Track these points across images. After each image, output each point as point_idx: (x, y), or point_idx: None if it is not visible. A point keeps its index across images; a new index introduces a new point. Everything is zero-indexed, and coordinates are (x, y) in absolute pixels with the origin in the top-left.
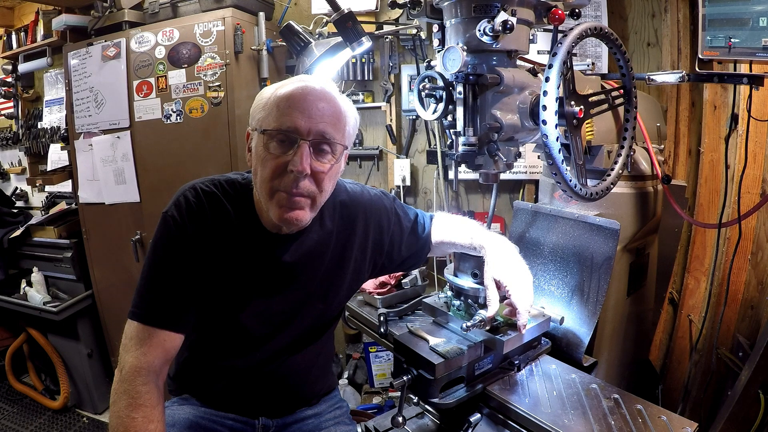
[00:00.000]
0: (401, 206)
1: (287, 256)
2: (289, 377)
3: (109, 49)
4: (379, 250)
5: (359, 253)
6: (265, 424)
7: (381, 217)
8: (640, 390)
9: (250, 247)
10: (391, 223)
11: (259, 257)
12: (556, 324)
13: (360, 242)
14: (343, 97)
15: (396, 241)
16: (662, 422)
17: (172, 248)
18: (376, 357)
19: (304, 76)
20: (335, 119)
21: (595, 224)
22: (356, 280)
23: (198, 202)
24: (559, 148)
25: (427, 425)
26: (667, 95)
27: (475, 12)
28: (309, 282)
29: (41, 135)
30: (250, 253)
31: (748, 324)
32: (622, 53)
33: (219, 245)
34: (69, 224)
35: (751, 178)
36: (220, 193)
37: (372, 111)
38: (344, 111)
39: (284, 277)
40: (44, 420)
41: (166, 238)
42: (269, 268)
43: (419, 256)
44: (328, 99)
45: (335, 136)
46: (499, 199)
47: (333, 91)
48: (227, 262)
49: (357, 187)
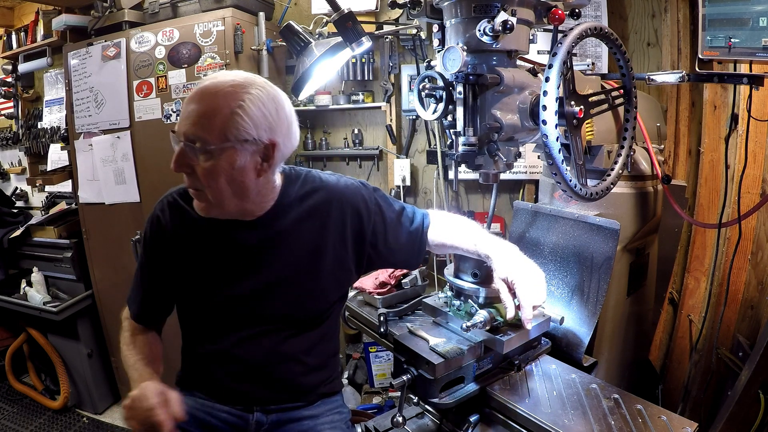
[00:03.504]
0: (384, 197)
1: (247, 240)
2: (278, 366)
3: (109, 49)
4: (360, 239)
5: (338, 240)
6: (259, 420)
7: (359, 205)
8: (640, 390)
9: (211, 236)
10: (371, 211)
11: (220, 243)
12: (556, 324)
13: (337, 229)
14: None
15: (379, 231)
16: (662, 422)
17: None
18: (376, 357)
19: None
20: (205, 119)
21: (595, 224)
22: (341, 269)
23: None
24: (559, 148)
25: (427, 425)
26: (667, 95)
27: (475, 12)
28: (277, 266)
29: (41, 135)
30: (212, 241)
31: (748, 324)
32: (622, 53)
33: (183, 243)
34: (69, 224)
35: (751, 178)
36: (182, 199)
37: (372, 111)
38: (222, 108)
39: (247, 261)
40: (44, 420)
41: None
42: (231, 252)
43: (412, 251)
44: (204, 99)
45: (202, 136)
46: (499, 199)
47: (220, 87)
48: (193, 254)
49: (333, 176)
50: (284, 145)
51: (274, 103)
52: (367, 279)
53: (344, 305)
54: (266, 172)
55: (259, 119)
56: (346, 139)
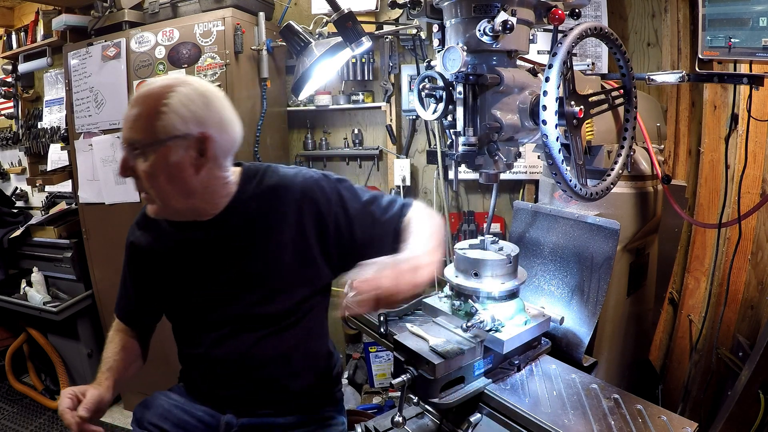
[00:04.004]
0: (349, 188)
1: (204, 239)
2: (259, 367)
3: (109, 49)
4: (323, 232)
5: (297, 234)
6: (228, 421)
7: (317, 198)
8: (640, 390)
9: (174, 240)
10: (331, 203)
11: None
12: (556, 324)
13: (296, 224)
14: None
15: (342, 223)
16: (662, 422)
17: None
18: (376, 357)
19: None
20: (137, 121)
21: (595, 224)
22: (306, 264)
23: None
24: (559, 148)
25: (427, 425)
26: (667, 95)
27: (475, 12)
28: (238, 264)
29: (41, 135)
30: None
31: (748, 324)
32: (622, 53)
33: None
34: (69, 224)
35: (751, 178)
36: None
37: (372, 111)
38: (150, 108)
39: (207, 262)
40: (44, 420)
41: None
42: (191, 254)
43: (383, 242)
44: (136, 103)
45: (136, 138)
46: (499, 199)
47: (150, 90)
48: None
49: (292, 170)
50: (221, 138)
51: (203, 97)
52: None
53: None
54: (205, 167)
55: (186, 114)
56: (346, 139)
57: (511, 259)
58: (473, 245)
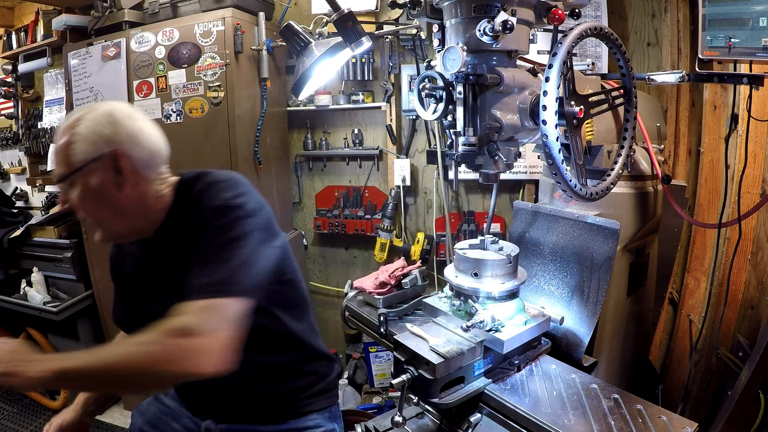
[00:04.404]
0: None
1: (146, 257)
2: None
3: (109, 49)
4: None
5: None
6: (208, 428)
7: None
8: (640, 390)
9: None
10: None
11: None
12: (556, 324)
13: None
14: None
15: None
16: (662, 422)
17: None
18: (376, 357)
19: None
20: (56, 156)
21: (595, 224)
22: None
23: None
24: (559, 148)
25: (427, 425)
26: (667, 95)
27: (475, 12)
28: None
29: (41, 135)
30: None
31: (748, 324)
32: (622, 53)
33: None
34: (69, 224)
35: (751, 178)
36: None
37: (372, 111)
38: (62, 141)
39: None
40: (44, 420)
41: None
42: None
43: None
44: (56, 139)
45: (59, 172)
46: (499, 199)
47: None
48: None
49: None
50: (135, 151)
51: (108, 116)
52: (367, 279)
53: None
54: (127, 184)
55: (93, 138)
56: (346, 139)
57: (511, 259)
58: (473, 245)
